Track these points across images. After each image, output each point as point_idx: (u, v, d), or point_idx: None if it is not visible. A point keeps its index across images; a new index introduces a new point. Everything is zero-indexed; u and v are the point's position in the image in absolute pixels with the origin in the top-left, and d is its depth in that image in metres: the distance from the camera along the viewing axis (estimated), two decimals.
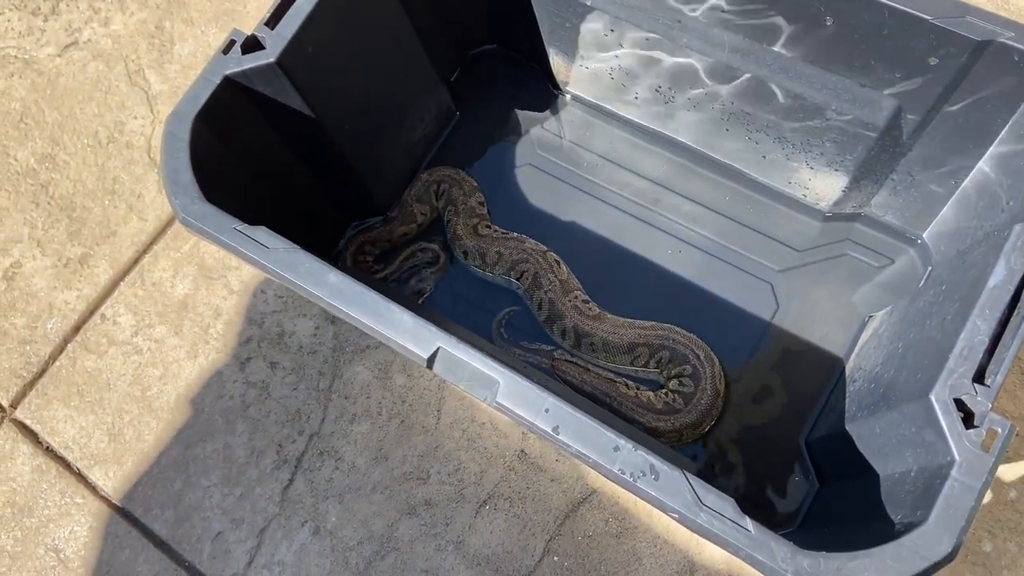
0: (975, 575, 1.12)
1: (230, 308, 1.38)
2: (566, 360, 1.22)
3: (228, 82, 0.94)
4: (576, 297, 1.23)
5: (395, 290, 1.26)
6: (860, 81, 0.99)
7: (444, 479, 1.24)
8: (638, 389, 1.20)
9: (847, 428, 0.98)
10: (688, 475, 0.75)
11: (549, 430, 0.78)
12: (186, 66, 1.58)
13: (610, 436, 0.77)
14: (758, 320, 1.24)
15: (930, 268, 1.19)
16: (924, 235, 1.19)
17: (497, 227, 1.31)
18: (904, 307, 1.05)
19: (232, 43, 0.95)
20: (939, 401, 0.74)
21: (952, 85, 0.93)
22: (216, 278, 1.40)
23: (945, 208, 1.12)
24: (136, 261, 1.43)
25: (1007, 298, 0.76)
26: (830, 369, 1.19)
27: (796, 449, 1.15)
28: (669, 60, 1.15)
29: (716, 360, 1.19)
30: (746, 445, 1.18)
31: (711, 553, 1.16)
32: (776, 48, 1.02)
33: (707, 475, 1.16)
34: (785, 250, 1.27)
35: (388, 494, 1.25)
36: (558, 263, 1.26)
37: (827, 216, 1.26)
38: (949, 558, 0.69)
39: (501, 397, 0.80)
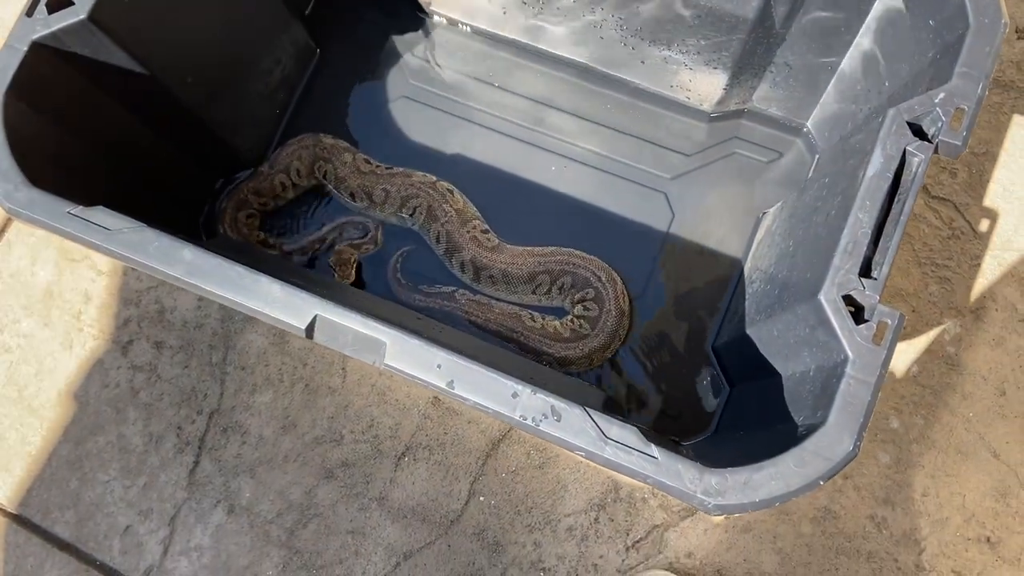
0: (886, 452, 1.16)
1: (100, 290, 1.28)
2: (468, 299, 1.18)
3: (38, 47, 0.83)
4: (475, 227, 1.18)
5: (277, 260, 1.18)
6: None
7: (358, 437, 1.20)
8: (544, 319, 1.17)
9: (748, 332, 0.98)
10: (590, 411, 0.72)
11: (443, 385, 0.74)
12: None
13: (507, 383, 0.73)
14: (655, 232, 1.22)
15: (817, 156, 1.18)
16: (808, 123, 1.18)
17: (380, 163, 1.24)
18: (793, 202, 1.04)
19: (35, 2, 0.83)
20: (828, 300, 0.73)
21: None
22: (80, 260, 1.29)
23: (825, 94, 1.10)
24: None
25: (886, 187, 0.75)
26: (730, 272, 1.18)
27: (704, 356, 1.15)
28: None
29: (618, 279, 1.16)
30: (656, 358, 1.17)
31: None
32: None
33: (617, 399, 1.15)
34: (675, 156, 1.24)
35: (302, 461, 1.20)
36: (451, 192, 1.20)
37: (712, 116, 1.23)
38: (852, 456, 0.70)
39: (389, 359, 0.75)
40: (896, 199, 0.76)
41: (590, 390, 1.02)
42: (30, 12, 0.84)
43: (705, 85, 1.16)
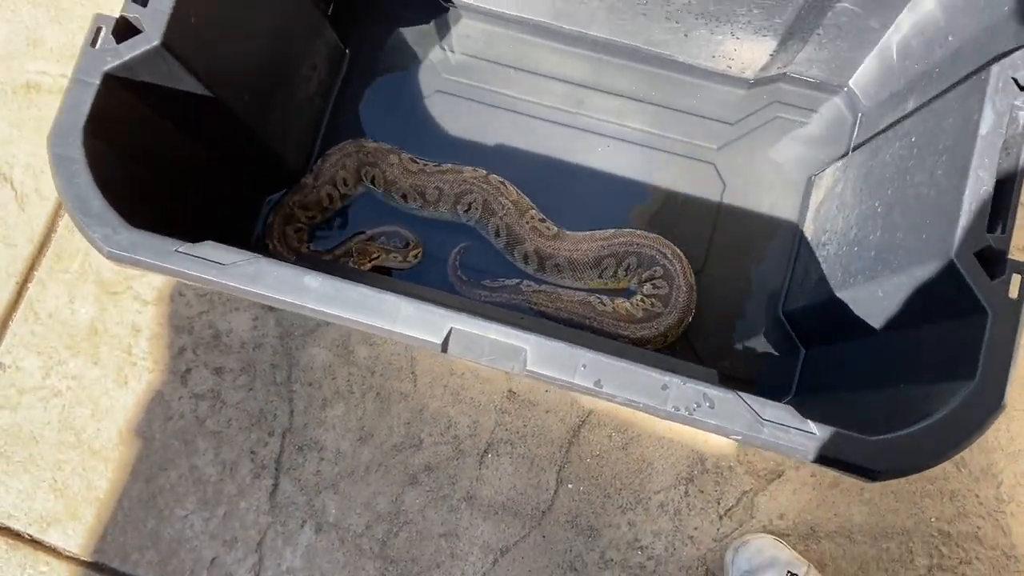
0: None
1: (149, 321, 1.23)
2: (535, 290, 1.17)
3: (110, 79, 0.78)
4: (532, 217, 1.17)
5: (341, 268, 1.16)
6: None
7: (438, 439, 1.19)
8: (614, 302, 1.17)
9: (838, 295, 0.99)
10: (743, 395, 0.73)
11: (591, 386, 0.73)
12: (4, 45, 1.33)
13: (656, 376, 0.73)
14: (709, 203, 1.22)
15: (860, 114, 1.20)
16: (850, 83, 1.19)
17: (427, 161, 1.21)
18: (863, 163, 1.06)
19: (99, 30, 0.79)
20: (962, 259, 0.74)
21: None
22: (121, 292, 1.24)
23: (872, 52, 1.12)
24: (20, 294, 1.24)
25: (1000, 143, 0.76)
26: (789, 236, 1.19)
27: (775, 321, 1.17)
28: None
29: (682, 254, 1.17)
30: (726, 327, 1.18)
31: (717, 443, 1.18)
32: None
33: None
34: (719, 126, 1.24)
35: (384, 470, 1.19)
36: (503, 184, 1.19)
37: (751, 83, 1.23)
38: (1001, 410, 0.72)
39: (532, 365, 0.74)
40: (1004, 152, 0.77)
41: (701, 370, 1.02)
42: (94, 42, 0.79)
43: (749, 53, 1.16)
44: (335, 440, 1.19)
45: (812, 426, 0.72)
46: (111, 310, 1.23)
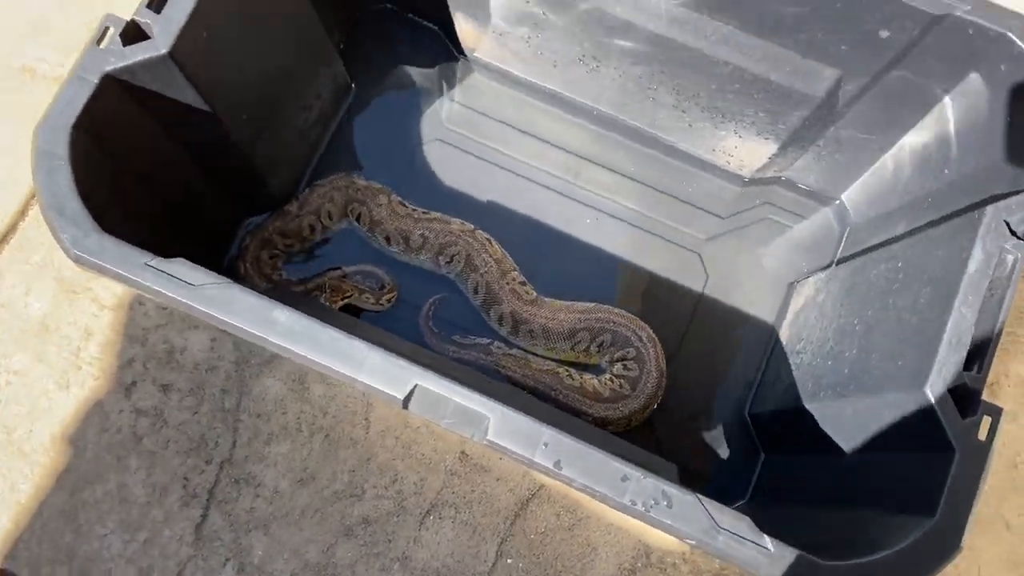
0: None
1: (103, 326, 1.19)
2: (504, 353, 1.15)
3: (109, 80, 0.76)
4: (513, 279, 1.16)
5: (310, 301, 1.13)
6: (802, 52, 0.96)
7: (381, 493, 1.15)
8: (582, 377, 1.15)
9: (806, 406, 0.98)
10: (702, 498, 0.71)
11: (550, 466, 0.71)
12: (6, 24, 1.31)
13: (617, 466, 0.71)
14: (690, 292, 1.22)
15: (848, 228, 1.21)
16: (842, 196, 1.21)
17: (415, 207, 1.20)
18: (847, 277, 1.06)
19: (106, 30, 0.77)
20: (935, 393, 0.74)
21: (898, 57, 0.91)
22: (80, 292, 1.20)
23: (869, 171, 1.13)
24: None
25: (986, 283, 0.77)
26: (765, 338, 1.19)
27: (740, 421, 1.16)
28: (598, 28, 1.07)
29: (657, 339, 1.15)
30: (689, 419, 1.17)
31: (664, 536, 1.15)
32: (718, 19, 0.96)
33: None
34: (709, 218, 1.25)
35: (319, 517, 1.14)
36: (489, 242, 1.18)
37: (746, 181, 1.24)
38: (959, 551, 0.70)
39: (493, 434, 0.72)
40: (989, 293, 0.78)
41: (662, 463, 1.00)
42: (100, 41, 0.78)
43: (750, 153, 1.17)
44: (274, 478, 1.15)
45: (768, 541, 0.70)
46: (66, 309, 1.19)
